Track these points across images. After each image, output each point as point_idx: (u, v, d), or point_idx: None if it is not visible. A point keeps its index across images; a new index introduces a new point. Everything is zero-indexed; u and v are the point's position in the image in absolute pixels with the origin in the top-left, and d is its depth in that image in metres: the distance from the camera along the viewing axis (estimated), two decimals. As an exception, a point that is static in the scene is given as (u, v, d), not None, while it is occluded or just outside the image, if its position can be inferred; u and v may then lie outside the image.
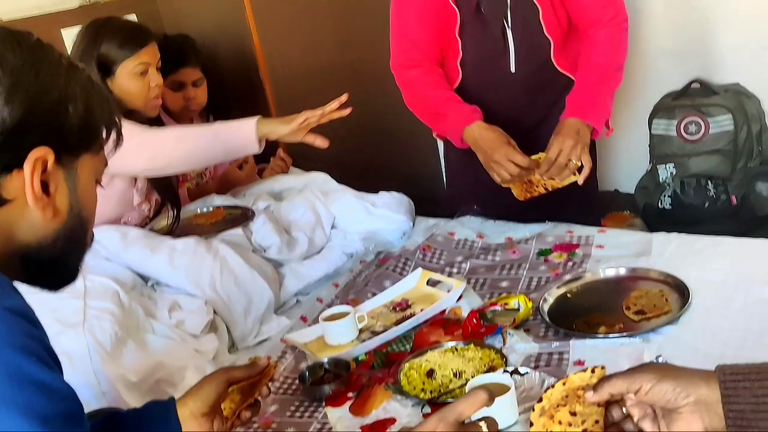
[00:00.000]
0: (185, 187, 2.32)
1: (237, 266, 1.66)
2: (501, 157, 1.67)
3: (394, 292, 1.69)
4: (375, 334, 1.52)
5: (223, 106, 2.40)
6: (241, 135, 1.65)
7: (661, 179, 2.32)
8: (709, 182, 2.25)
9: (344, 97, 1.66)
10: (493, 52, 1.81)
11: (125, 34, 1.75)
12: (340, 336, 1.52)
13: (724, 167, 2.23)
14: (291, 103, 2.51)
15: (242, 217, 1.89)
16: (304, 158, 2.38)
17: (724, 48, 2.34)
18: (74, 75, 0.80)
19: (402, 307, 1.63)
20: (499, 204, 1.89)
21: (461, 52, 1.82)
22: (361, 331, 1.55)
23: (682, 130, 2.27)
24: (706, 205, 2.25)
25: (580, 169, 1.65)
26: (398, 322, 1.54)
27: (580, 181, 1.67)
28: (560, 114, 1.75)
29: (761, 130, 2.27)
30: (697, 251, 1.60)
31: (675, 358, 1.00)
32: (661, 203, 2.32)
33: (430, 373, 1.31)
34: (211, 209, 1.94)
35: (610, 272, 1.54)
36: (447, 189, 2.21)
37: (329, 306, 1.65)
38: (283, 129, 1.66)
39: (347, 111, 1.67)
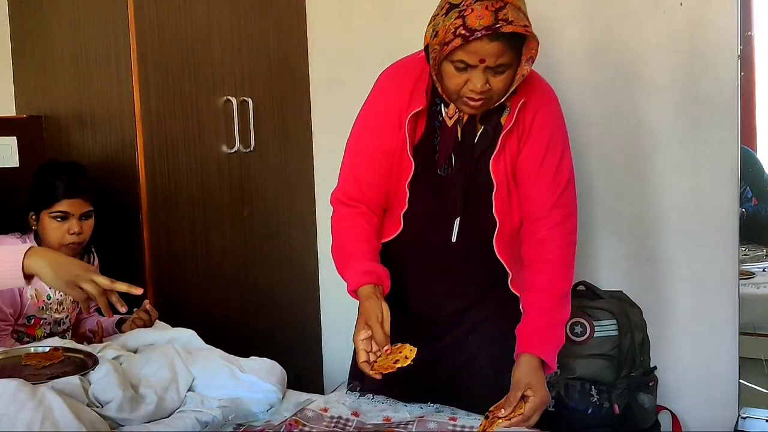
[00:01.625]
0: (36, 333, 2.04)
1: (63, 420, 1.38)
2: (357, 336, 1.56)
3: (249, 471, 1.45)
4: None
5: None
6: (4, 262, 1.44)
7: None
8: (593, 387, 2.18)
9: (138, 291, 1.49)
10: (439, 215, 1.70)
11: None
12: None
13: (608, 373, 2.18)
14: (168, 249, 2.35)
15: (82, 363, 1.63)
16: (173, 313, 2.17)
17: (607, 256, 2.40)
18: None
19: (256, 489, 1.39)
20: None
21: (407, 204, 1.69)
22: None
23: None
24: (590, 411, 2.17)
25: None
26: (249, 507, 1.30)
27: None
28: (488, 306, 1.74)
29: (643, 340, 2.27)
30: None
31: None
32: (545, 405, 2.21)
33: None
34: (47, 349, 1.66)
35: (496, 468, 1.38)
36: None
37: (168, 480, 1.38)
38: (50, 278, 1.44)
39: (138, 291, 1.50)
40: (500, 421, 1.46)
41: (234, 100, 2.51)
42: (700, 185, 2.26)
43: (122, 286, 1.47)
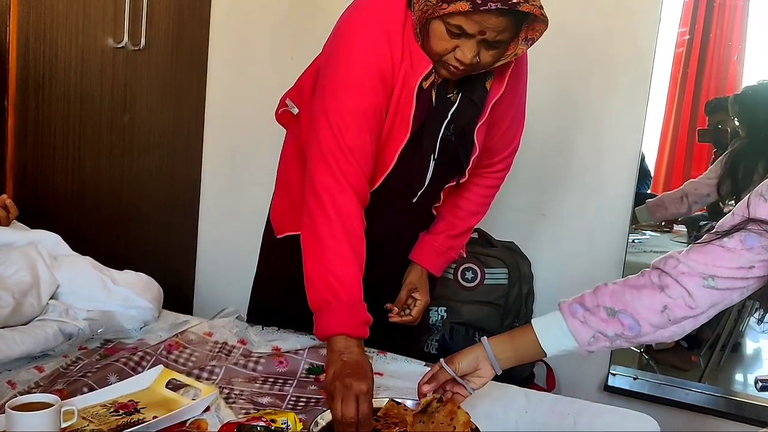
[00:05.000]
0: None
1: None
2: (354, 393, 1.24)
3: (119, 390, 1.30)
4: (83, 439, 1.12)
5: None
6: None
7: (431, 321, 2.21)
8: (477, 334, 2.18)
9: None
10: (408, 183, 1.51)
11: None
12: (32, 434, 1.08)
13: (493, 321, 2.19)
14: (36, 143, 2.09)
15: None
16: (33, 215, 1.92)
17: (504, 206, 2.39)
18: None
19: (128, 410, 1.24)
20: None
21: (385, 175, 1.45)
22: (64, 432, 1.13)
23: (459, 276, 2.21)
24: (471, 356, 2.16)
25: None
26: (119, 429, 1.15)
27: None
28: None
29: (529, 292, 2.29)
30: (480, 395, 1.45)
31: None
32: (428, 346, 2.19)
33: (161, 500, 0.93)
34: None
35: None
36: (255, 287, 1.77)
37: (25, 394, 1.21)
38: None
39: None
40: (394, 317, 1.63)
41: (127, -12, 2.24)
42: (600, 146, 2.29)
43: None
